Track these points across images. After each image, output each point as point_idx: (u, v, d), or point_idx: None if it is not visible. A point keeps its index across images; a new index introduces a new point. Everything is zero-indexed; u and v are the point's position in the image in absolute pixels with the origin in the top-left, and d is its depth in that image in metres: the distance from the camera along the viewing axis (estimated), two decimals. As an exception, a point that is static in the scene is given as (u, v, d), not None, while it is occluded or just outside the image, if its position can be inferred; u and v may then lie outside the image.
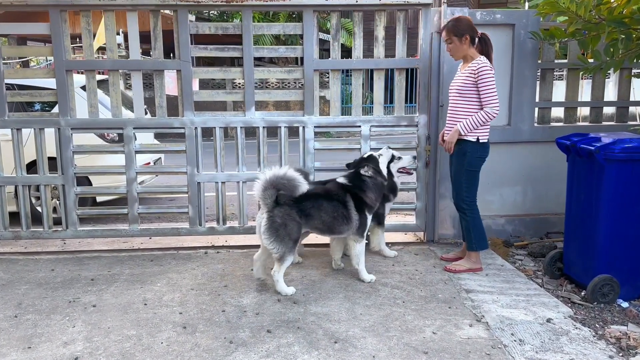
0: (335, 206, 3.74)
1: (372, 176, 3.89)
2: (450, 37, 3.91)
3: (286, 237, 3.53)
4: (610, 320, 3.37)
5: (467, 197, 4.01)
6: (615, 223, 3.55)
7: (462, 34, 3.86)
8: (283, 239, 3.52)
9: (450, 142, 3.95)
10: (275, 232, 3.51)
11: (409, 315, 3.31)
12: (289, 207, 3.57)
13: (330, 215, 3.72)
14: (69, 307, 3.46)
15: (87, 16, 4.43)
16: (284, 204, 3.56)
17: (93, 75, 4.56)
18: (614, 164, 3.46)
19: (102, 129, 4.96)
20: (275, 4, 4.61)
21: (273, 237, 3.51)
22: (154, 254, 4.53)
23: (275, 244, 3.51)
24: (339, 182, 3.92)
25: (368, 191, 3.85)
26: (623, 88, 5.03)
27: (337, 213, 3.73)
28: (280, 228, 3.52)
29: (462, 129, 3.86)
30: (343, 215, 3.75)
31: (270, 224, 3.51)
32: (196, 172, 4.60)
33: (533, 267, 4.32)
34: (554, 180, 4.79)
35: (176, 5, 4.40)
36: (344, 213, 3.75)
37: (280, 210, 3.54)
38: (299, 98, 4.69)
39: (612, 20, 3.64)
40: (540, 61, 4.81)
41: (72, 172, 4.57)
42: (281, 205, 3.55)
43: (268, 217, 3.53)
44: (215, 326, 3.15)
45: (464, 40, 3.88)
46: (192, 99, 4.54)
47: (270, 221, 3.52)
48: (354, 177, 3.92)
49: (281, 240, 3.52)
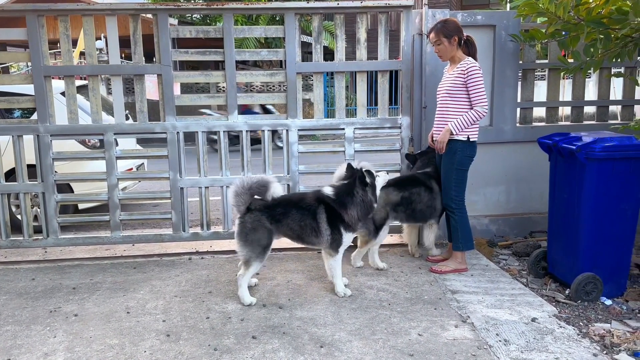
0: (305, 216, 3.58)
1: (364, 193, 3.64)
2: (439, 38, 3.93)
3: (255, 242, 3.50)
4: (594, 318, 3.39)
5: (456, 196, 4.03)
6: (597, 221, 3.58)
7: (451, 35, 3.90)
8: (252, 244, 3.49)
9: (442, 141, 3.97)
10: (244, 237, 3.49)
11: (395, 317, 3.30)
12: (260, 213, 3.53)
13: (297, 224, 3.58)
14: (50, 317, 3.39)
15: (65, 21, 4.37)
16: (255, 209, 3.53)
17: (72, 81, 4.49)
18: (594, 162, 3.49)
19: (82, 135, 4.88)
20: (257, 6, 4.60)
21: (242, 242, 3.49)
22: (137, 261, 4.47)
23: (244, 248, 3.49)
24: (322, 192, 3.68)
25: (350, 208, 3.61)
26: (603, 87, 5.09)
27: (304, 223, 3.58)
28: (250, 233, 3.49)
29: (454, 129, 3.89)
30: (312, 227, 3.58)
31: (241, 229, 3.50)
32: (179, 177, 4.55)
33: (518, 267, 4.34)
34: (537, 179, 4.82)
35: (156, 10, 4.36)
36: (313, 225, 3.58)
37: (251, 217, 3.51)
38: (282, 101, 4.67)
39: (591, 21, 3.67)
40: (521, 62, 4.84)
41: (52, 180, 4.49)
42: (252, 212, 3.52)
43: (239, 223, 3.52)
44: (199, 333, 3.11)
45: (453, 41, 3.91)
46: (174, 104, 4.49)
47: (241, 226, 3.50)
48: (340, 190, 3.66)
49: (250, 245, 3.49)
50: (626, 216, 3.62)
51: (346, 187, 3.64)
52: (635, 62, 4.81)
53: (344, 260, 3.77)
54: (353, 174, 3.66)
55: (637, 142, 3.56)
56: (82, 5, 4.37)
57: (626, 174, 3.54)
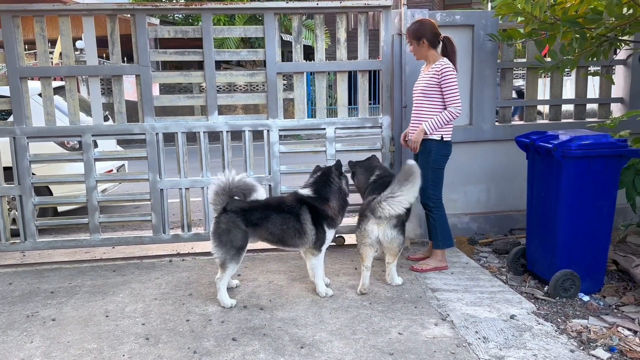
0: (287, 219, 3.56)
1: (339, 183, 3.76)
2: (410, 39, 4.01)
3: (228, 243, 3.47)
4: (572, 315, 3.43)
5: (433, 195, 4.06)
6: (574, 219, 3.63)
7: (420, 37, 3.95)
8: (225, 245, 3.46)
9: (416, 141, 3.99)
10: (219, 237, 3.47)
11: (376, 316, 3.31)
12: (235, 214, 3.50)
13: (279, 228, 3.55)
14: (27, 322, 3.34)
15: (41, 22, 4.30)
16: (231, 211, 3.50)
17: (49, 82, 4.43)
18: (571, 160, 3.53)
19: (59, 137, 4.81)
20: (236, 6, 4.59)
21: (216, 243, 3.47)
22: (117, 264, 4.43)
23: (218, 250, 3.46)
24: (299, 193, 3.72)
25: (332, 200, 3.66)
26: (580, 86, 5.15)
27: (287, 226, 3.56)
28: (224, 234, 3.47)
29: (428, 128, 3.92)
30: (295, 228, 3.56)
31: (215, 229, 3.48)
32: (158, 178, 4.51)
33: (497, 264, 4.38)
34: (517, 177, 4.87)
35: (134, 10, 4.32)
36: (297, 226, 3.56)
37: (226, 217, 3.49)
38: (263, 101, 4.66)
39: (567, 21, 3.71)
40: (499, 61, 4.89)
41: (30, 182, 4.43)
42: (228, 212, 3.49)
43: (215, 222, 3.50)
44: (179, 336, 3.09)
45: (422, 43, 3.96)
46: (153, 104, 4.45)
47: (215, 226, 3.49)
48: (318, 184, 3.72)
49: (224, 246, 3.46)
50: (602, 213, 3.66)
51: (322, 178, 3.72)
52: (611, 61, 4.88)
53: (325, 259, 3.77)
54: (325, 168, 3.83)
55: (613, 140, 3.61)
56: (58, 6, 4.30)
57: (602, 172, 3.58)
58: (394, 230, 3.62)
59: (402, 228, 3.69)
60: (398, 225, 3.64)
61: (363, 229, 3.65)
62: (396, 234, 3.63)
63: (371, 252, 3.67)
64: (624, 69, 5.15)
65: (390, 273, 3.83)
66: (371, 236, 3.62)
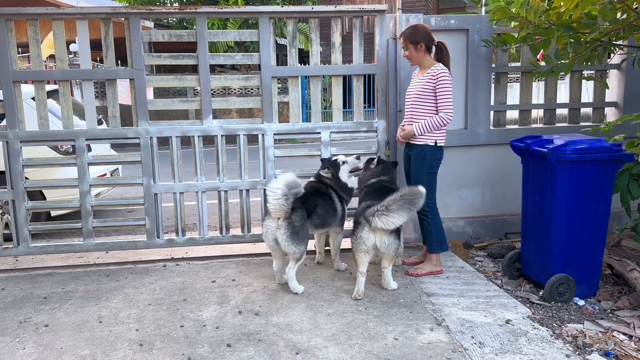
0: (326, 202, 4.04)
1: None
2: (406, 44, 3.99)
3: (306, 238, 3.81)
4: (567, 319, 3.43)
5: (427, 199, 4.05)
6: (569, 223, 3.63)
7: (418, 41, 3.93)
8: (303, 240, 3.78)
9: (404, 139, 4.08)
10: (296, 235, 3.72)
11: (371, 322, 3.30)
12: (301, 210, 3.79)
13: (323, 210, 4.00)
14: (20, 328, 3.31)
15: (35, 25, 4.28)
16: (299, 208, 3.76)
17: (42, 86, 4.40)
18: (566, 165, 3.54)
19: (52, 141, 4.78)
20: (230, 10, 4.58)
21: (296, 242, 3.71)
22: (110, 269, 4.40)
23: (297, 246, 3.72)
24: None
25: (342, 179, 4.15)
26: (575, 90, 5.17)
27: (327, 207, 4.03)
28: (301, 230, 3.75)
29: (417, 130, 3.94)
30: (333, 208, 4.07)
31: (291, 228, 3.71)
32: (152, 182, 4.49)
33: (493, 268, 4.37)
34: (511, 181, 4.87)
35: (127, 14, 4.30)
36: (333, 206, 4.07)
37: (297, 215, 3.74)
38: (258, 105, 4.65)
39: (561, 25, 3.73)
40: (494, 65, 4.90)
41: (23, 187, 4.40)
42: (297, 210, 3.75)
43: (287, 223, 3.70)
44: (173, 342, 3.07)
45: (419, 47, 3.95)
46: (147, 108, 4.43)
47: (290, 227, 3.70)
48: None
49: (302, 242, 3.76)
50: (597, 217, 3.67)
51: (331, 163, 4.19)
52: (605, 65, 4.90)
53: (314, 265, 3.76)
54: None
55: (608, 144, 3.62)
56: (51, 9, 4.28)
57: (597, 176, 3.59)
58: (390, 237, 3.60)
59: (398, 234, 3.68)
60: (394, 231, 3.62)
61: (359, 236, 3.63)
62: (392, 239, 3.62)
63: (366, 258, 3.66)
64: (618, 74, 5.17)
65: (386, 277, 3.82)
66: (367, 243, 3.60)
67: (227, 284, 3.98)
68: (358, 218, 3.70)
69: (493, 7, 3.81)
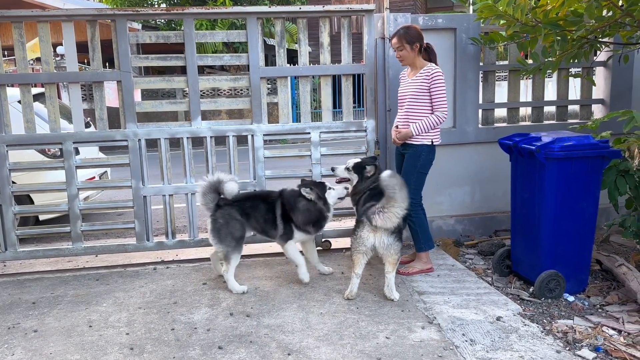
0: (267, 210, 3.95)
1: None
2: (402, 44, 3.98)
3: (229, 236, 3.79)
4: (557, 315, 3.45)
5: (413, 198, 4.05)
6: (558, 219, 3.66)
7: (413, 41, 3.96)
8: (226, 238, 3.78)
9: (401, 139, 4.06)
10: (217, 232, 3.78)
11: (363, 321, 3.30)
12: (229, 206, 3.84)
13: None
14: (8, 334, 3.27)
15: (20, 28, 4.23)
16: (225, 205, 3.83)
17: (28, 89, 4.35)
18: (553, 162, 3.56)
19: (39, 144, 4.72)
20: (218, 11, 4.55)
21: (217, 239, 3.79)
22: (100, 273, 4.36)
23: (219, 244, 3.80)
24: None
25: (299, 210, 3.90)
26: (562, 87, 5.21)
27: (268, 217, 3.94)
28: (223, 228, 3.78)
29: (415, 131, 3.95)
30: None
31: (213, 225, 3.79)
32: (141, 185, 4.46)
33: (483, 266, 4.39)
34: (501, 179, 4.89)
35: (114, 15, 4.27)
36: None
37: (222, 212, 3.80)
38: (247, 106, 4.63)
39: (548, 23, 3.75)
40: (482, 63, 4.92)
41: (10, 191, 4.35)
42: (222, 207, 3.83)
43: (211, 220, 3.81)
44: (164, 346, 3.05)
45: (415, 47, 3.97)
46: (134, 110, 4.40)
47: (213, 223, 3.80)
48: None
49: (224, 239, 3.79)
50: (586, 213, 3.70)
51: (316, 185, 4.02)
52: (592, 63, 4.94)
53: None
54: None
55: (595, 141, 3.65)
56: (36, 12, 4.24)
57: (584, 173, 3.62)
58: (391, 237, 3.51)
59: (399, 235, 3.57)
60: (395, 231, 3.52)
61: (358, 236, 3.57)
62: (393, 240, 3.51)
63: (364, 259, 3.61)
64: (605, 71, 5.22)
65: (389, 284, 3.60)
66: (366, 243, 3.54)
67: (218, 286, 3.96)
68: (361, 217, 3.66)
69: (480, 6, 3.82)
